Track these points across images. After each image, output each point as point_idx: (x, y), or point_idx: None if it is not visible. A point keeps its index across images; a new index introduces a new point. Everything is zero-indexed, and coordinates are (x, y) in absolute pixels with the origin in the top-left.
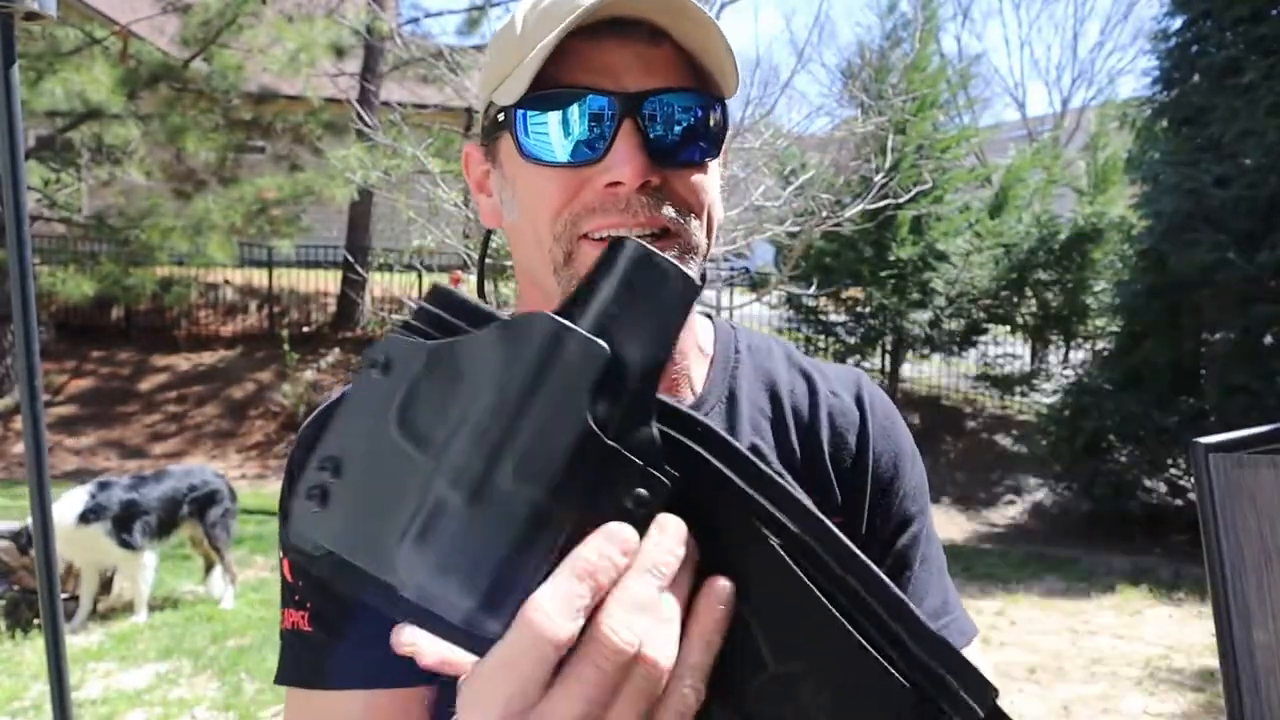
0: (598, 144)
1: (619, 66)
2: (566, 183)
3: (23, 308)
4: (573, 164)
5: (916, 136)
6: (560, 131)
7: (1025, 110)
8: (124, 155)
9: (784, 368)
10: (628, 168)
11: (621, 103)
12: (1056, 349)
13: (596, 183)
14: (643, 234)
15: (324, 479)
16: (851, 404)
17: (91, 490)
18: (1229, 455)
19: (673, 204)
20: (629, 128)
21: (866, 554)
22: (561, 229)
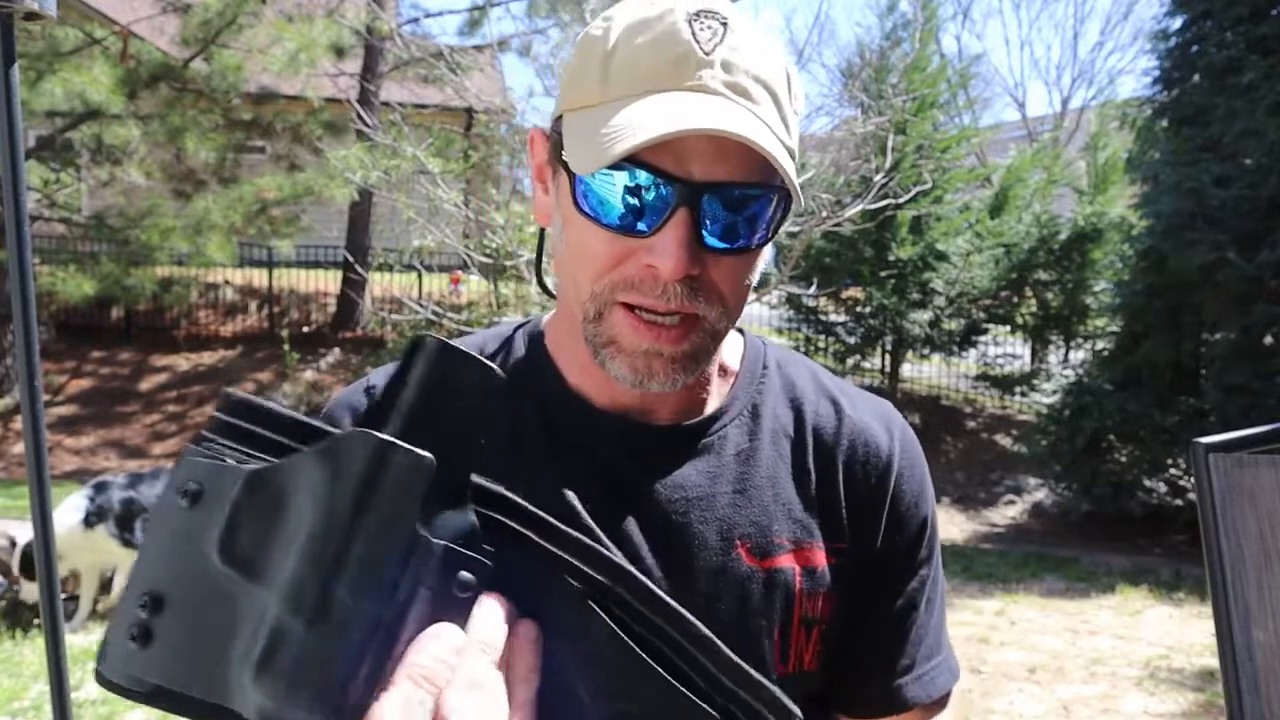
0: (650, 222)
1: (689, 150)
2: (614, 248)
3: (23, 308)
4: (622, 232)
5: (916, 136)
6: (617, 198)
7: (1025, 110)
8: (124, 155)
9: (812, 388)
10: (670, 260)
11: (680, 192)
12: (1056, 349)
13: (639, 258)
14: (670, 314)
15: (144, 617)
16: (880, 435)
17: (89, 494)
18: (1229, 455)
19: (704, 293)
20: (682, 217)
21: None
22: (600, 290)
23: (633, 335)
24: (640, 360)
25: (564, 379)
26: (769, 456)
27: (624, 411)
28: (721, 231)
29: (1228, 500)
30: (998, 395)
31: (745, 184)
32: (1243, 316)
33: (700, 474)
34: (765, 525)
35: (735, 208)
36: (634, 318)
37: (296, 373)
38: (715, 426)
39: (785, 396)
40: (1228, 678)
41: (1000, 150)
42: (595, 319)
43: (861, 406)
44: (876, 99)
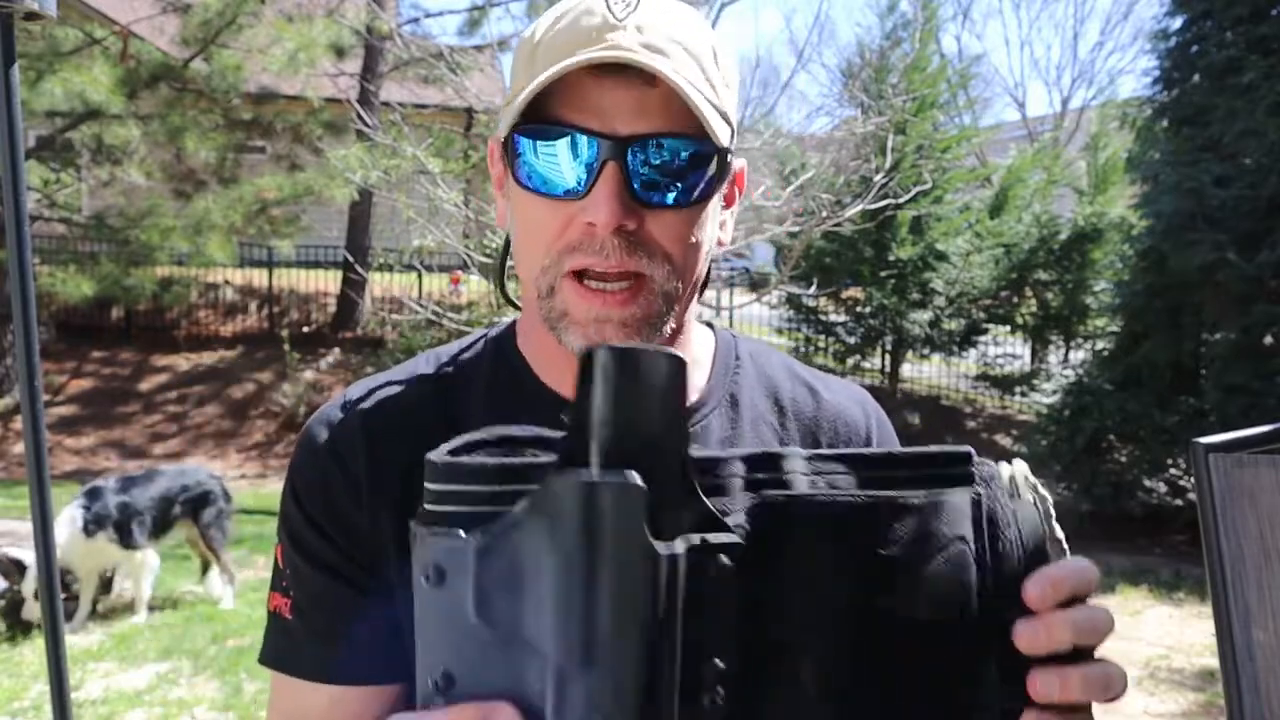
0: (583, 184)
1: (611, 108)
2: (556, 216)
3: (23, 308)
4: (560, 198)
5: (916, 136)
6: (550, 166)
7: (1025, 110)
8: (124, 155)
9: (785, 376)
10: (603, 210)
11: (606, 147)
12: (1056, 349)
13: (578, 220)
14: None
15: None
16: (856, 413)
17: (83, 503)
18: (1229, 455)
19: (645, 248)
20: (611, 171)
21: None
22: (549, 262)
23: (581, 303)
24: (592, 329)
25: (539, 379)
26: (752, 443)
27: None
28: (654, 184)
29: (1228, 500)
30: (998, 395)
31: (671, 134)
32: (1243, 316)
33: None
34: None
35: (666, 161)
36: (581, 286)
37: (297, 373)
38: (696, 417)
39: (761, 385)
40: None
41: (1000, 150)
42: (548, 294)
43: (836, 390)
44: (876, 99)
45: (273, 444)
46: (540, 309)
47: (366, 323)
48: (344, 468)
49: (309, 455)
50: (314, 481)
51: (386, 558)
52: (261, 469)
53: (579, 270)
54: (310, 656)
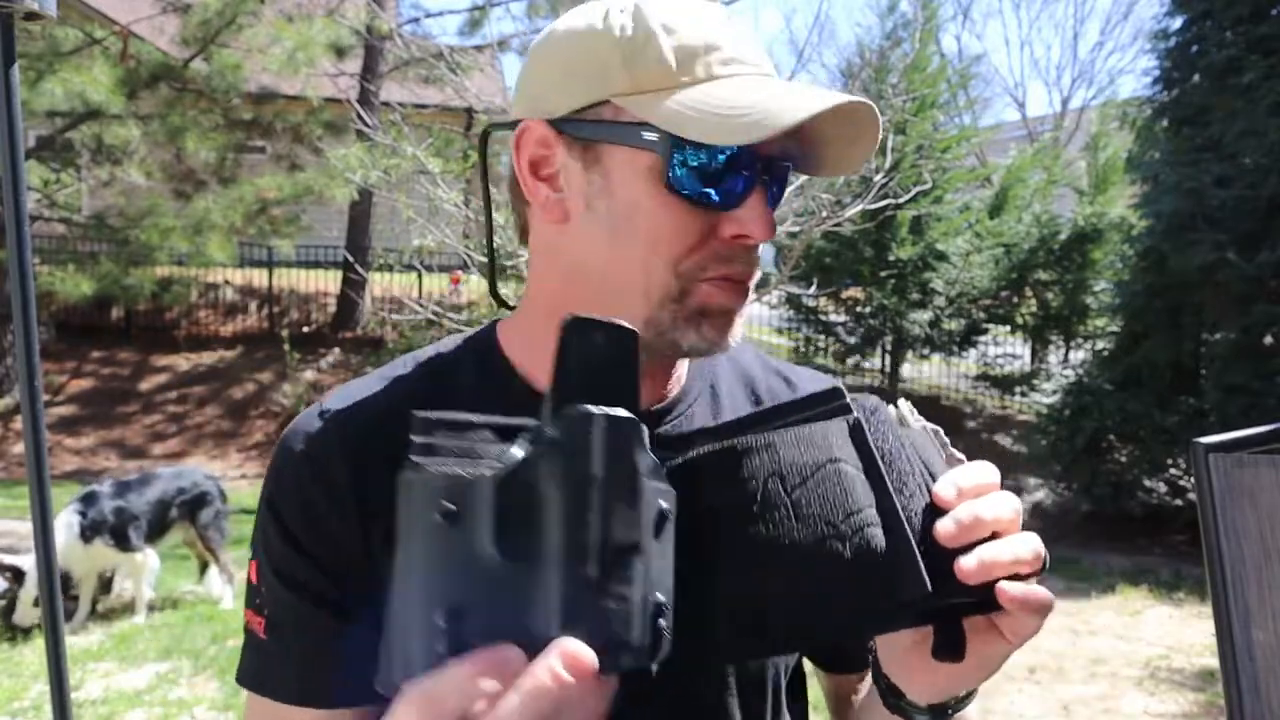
0: (733, 194)
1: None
2: (701, 225)
3: (23, 308)
4: (712, 207)
5: (916, 136)
6: (709, 174)
7: (1025, 110)
8: (124, 155)
9: (759, 368)
10: (760, 228)
11: (764, 165)
12: (1056, 349)
13: (723, 231)
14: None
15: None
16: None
17: (78, 509)
18: (1229, 455)
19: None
20: (762, 189)
21: None
22: (688, 268)
23: (723, 299)
24: (723, 321)
25: (527, 382)
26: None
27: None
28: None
29: (1228, 500)
30: (998, 395)
31: (788, 158)
32: (1243, 316)
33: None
34: None
35: (779, 183)
36: (726, 283)
37: (297, 373)
38: (680, 407)
39: (737, 376)
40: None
41: (1000, 150)
42: (679, 298)
43: (806, 380)
44: (876, 99)
45: (273, 444)
46: (662, 315)
47: (366, 323)
48: (323, 478)
49: (286, 466)
50: (292, 494)
51: (373, 568)
52: (262, 469)
53: (718, 276)
54: (283, 678)
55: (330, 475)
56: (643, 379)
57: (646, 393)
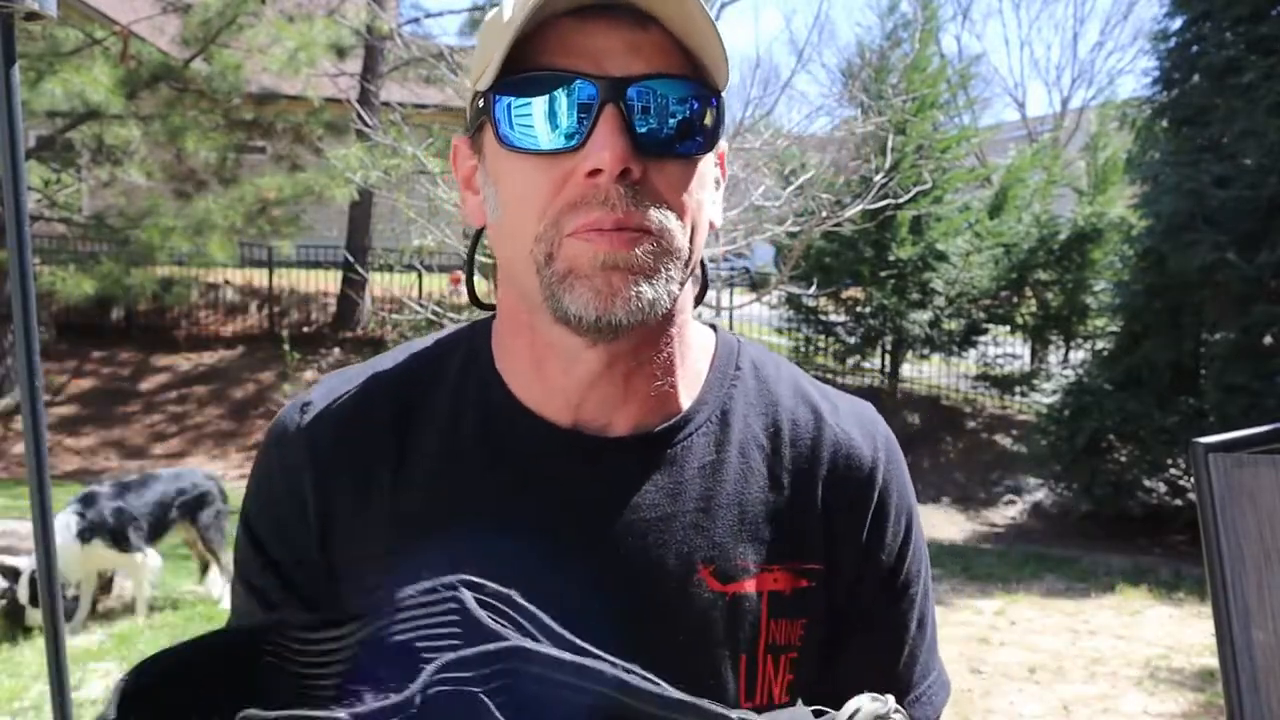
0: (579, 132)
1: (603, 50)
2: (550, 174)
3: (23, 308)
4: (553, 152)
5: (916, 136)
6: (540, 117)
7: (1025, 110)
8: (124, 155)
9: (789, 393)
10: (606, 153)
11: (603, 88)
12: (1056, 349)
13: (578, 174)
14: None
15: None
16: (862, 445)
17: (77, 509)
18: (1229, 455)
19: (653, 201)
20: (610, 113)
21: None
22: (545, 227)
23: (587, 249)
24: (600, 279)
25: (508, 388)
26: (737, 470)
27: (576, 421)
28: (655, 130)
29: (1228, 500)
30: (998, 395)
31: (671, 76)
32: (1243, 316)
33: (659, 491)
34: (729, 547)
35: (665, 105)
36: (584, 235)
37: (297, 373)
38: (679, 436)
39: (759, 401)
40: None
41: (1000, 150)
42: (547, 262)
43: (843, 414)
44: (876, 99)
45: None
46: (539, 285)
47: (367, 323)
48: (289, 481)
49: (262, 467)
50: (263, 499)
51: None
52: None
53: (579, 228)
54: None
55: (296, 480)
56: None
57: (632, 414)
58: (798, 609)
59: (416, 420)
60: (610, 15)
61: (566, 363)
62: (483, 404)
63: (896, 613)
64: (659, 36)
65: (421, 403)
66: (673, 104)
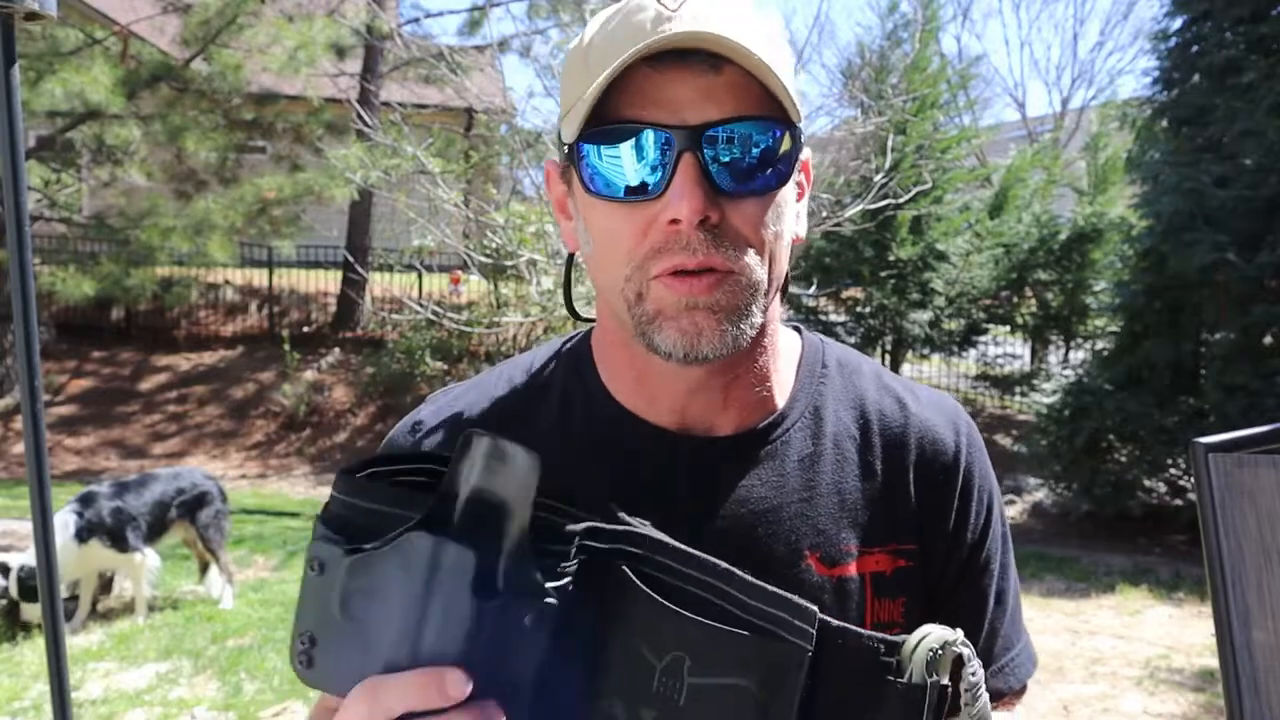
0: (659, 180)
1: (678, 99)
2: (634, 221)
3: (23, 308)
4: (636, 201)
5: (916, 137)
6: (622, 168)
7: (1025, 110)
8: (124, 155)
9: (874, 387)
10: (685, 204)
11: (680, 137)
12: (1056, 349)
13: (660, 221)
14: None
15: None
16: (946, 432)
17: (76, 509)
18: (1229, 455)
19: (730, 240)
20: (688, 162)
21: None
22: (632, 270)
23: (670, 295)
24: (685, 320)
25: (613, 397)
26: (833, 460)
27: (681, 425)
28: (732, 172)
29: (1228, 500)
30: (998, 395)
31: (744, 118)
32: (1243, 316)
33: (764, 484)
34: (833, 533)
35: (741, 145)
36: (670, 278)
37: (297, 373)
38: (777, 432)
39: (847, 396)
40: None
41: (1000, 150)
42: (637, 301)
43: (926, 403)
44: (876, 99)
45: (273, 444)
46: (631, 321)
47: (367, 323)
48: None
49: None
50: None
51: None
52: (262, 469)
53: (664, 271)
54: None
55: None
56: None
57: (732, 415)
58: (898, 588)
59: (528, 431)
60: (684, 62)
61: (666, 379)
62: (590, 411)
63: (977, 589)
64: (733, 77)
65: (531, 415)
66: (748, 144)
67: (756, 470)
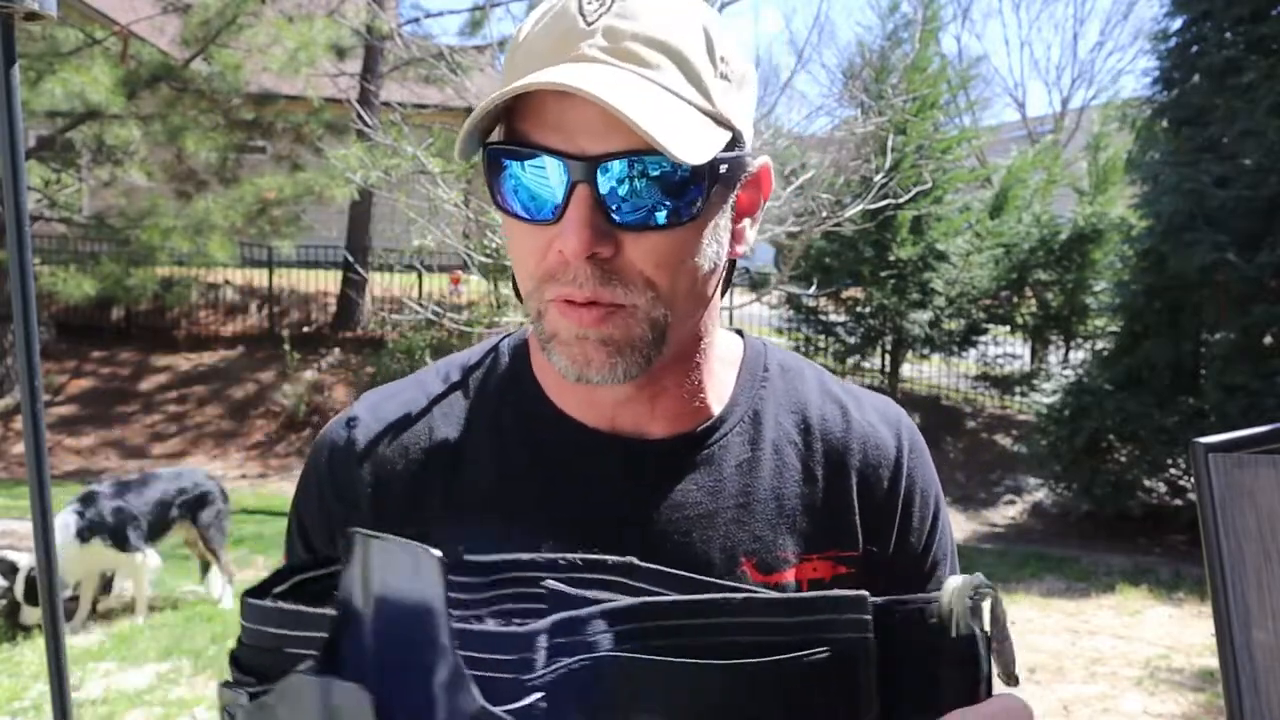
0: (555, 206)
1: (580, 125)
2: (534, 241)
3: (23, 308)
4: (536, 223)
5: (917, 137)
6: (523, 188)
7: (1025, 110)
8: (124, 155)
9: (816, 392)
10: (572, 239)
11: (575, 168)
12: (1056, 349)
13: (554, 248)
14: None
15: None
16: (888, 437)
17: (77, 509)
18: (1229, 455)
19: (622, 276)
20: (581, 195)
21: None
22: (532, 288)
23: (563, 320)
24: (575, 348)
25: (547, 397)
26: (772, 465)
27: (614, 428)
28: (633, 207)
29: (1228, 500)
30: (998, 395)
31: (641, 151)
32: (1243, 316)
33: (700, 490)
34: (770, 539)
35: (642, 178)
36: (561, 304)
37: (297, 373)
38: (714, 437)
39: (789, 401)
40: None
41: (1000, 151)
42: (537, 318)
43: (869, 409)
44: (877, 99)
45: (273, 444)
46: (535, 332)
47: (367, 323)
48: (344, 496)
49: (310, 477)
50: (315, 509)
51: None
52: (262, 469)
53: (558, 299)
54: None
55: (349, 489)
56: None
57: (666, 418)
58: None
59: (463, 428)
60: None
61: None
62: (523, 409)
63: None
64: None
65: (464, 413)
66: (649, 179)
67: (693, 475)
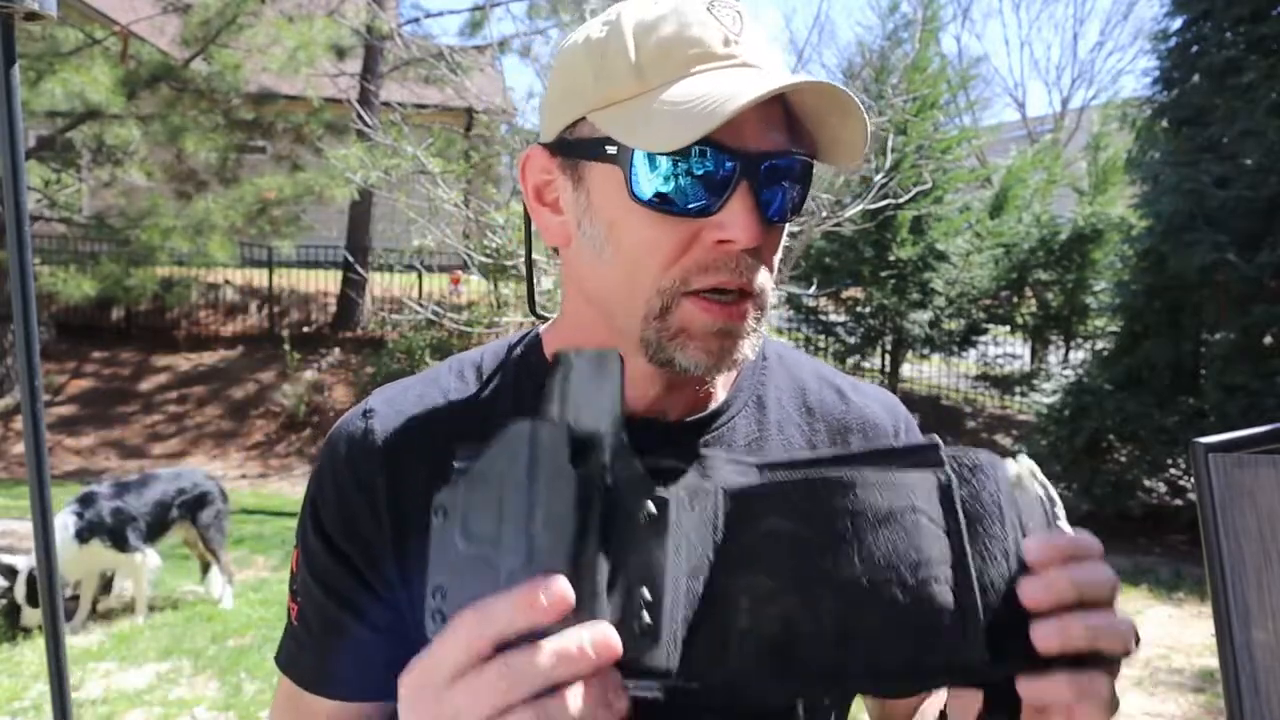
0: (713, 199)
1: (743, 122)
2: (679, 233)
3: (23, 308)
4: (687, 215)
5: (917, 137)
6: (678, 181)
7: (1025, 110)
8: (124, 156)
9: (813, 378)
10: (743, 231)
11: (742, 163)
12: (1056, 349)
13: (706, 238)
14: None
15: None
16: (885, 416)
17: (75, 510)
18: (1229, 455)
19: (764, 264)
20: (745, 189)
21: None
22: (669, 283)
23: (705, 318)
24: (713, 342)
25: None
26: (778, 444)
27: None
28: (777, 204)
29: (1228, 500)
30: (998, 395)
31: (792, 153)
32: (1243, 316)
33: None
34: None
35: (788, 179)
36: (704, 301)
37: (297, 373)
38: (721, 419)
39: (789, 386)
40: (1228, 678)
41: (1000, 151)
42: (660, 315)
43: (864, 393)
44: (877, 99)
45: (273, 444)
46: (641, 330)
47: (367, 323)
48: (361, 480)
49: (326, 467)
50: (331, 497)
51: (407, 575)
52: (262, 469)
53: (705, 288)
54: (307, 666)
55: (368, 478)
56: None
57: (682, 403)
58: None
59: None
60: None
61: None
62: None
63: None
64: (781, 109)
65: (484, 403)
66: (792, 180)
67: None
